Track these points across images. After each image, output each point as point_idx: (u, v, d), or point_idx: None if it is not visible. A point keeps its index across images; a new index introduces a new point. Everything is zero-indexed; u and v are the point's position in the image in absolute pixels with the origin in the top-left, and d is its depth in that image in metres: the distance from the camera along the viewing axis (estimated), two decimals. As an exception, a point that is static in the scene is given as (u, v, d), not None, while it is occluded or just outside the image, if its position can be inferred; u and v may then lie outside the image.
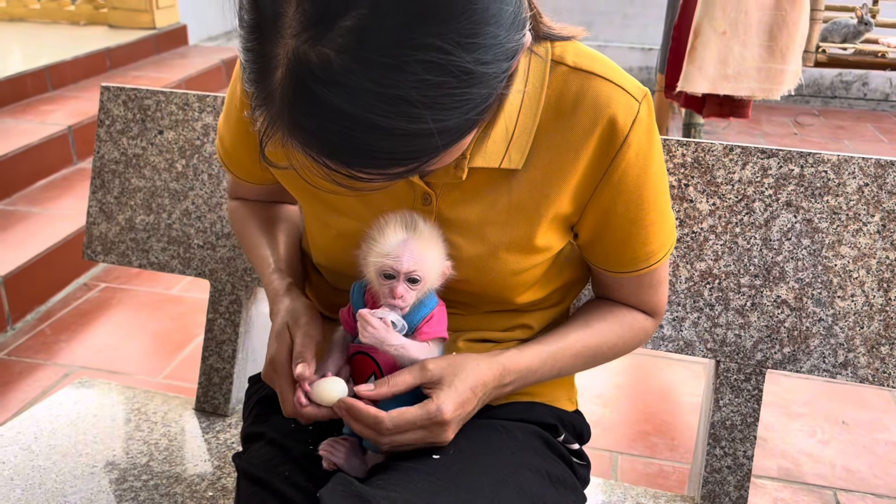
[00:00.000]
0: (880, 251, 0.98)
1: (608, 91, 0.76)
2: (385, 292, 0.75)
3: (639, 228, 0.82)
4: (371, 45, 0.52)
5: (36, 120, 3.09)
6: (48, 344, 2.21)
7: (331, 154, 0.58)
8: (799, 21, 2.34)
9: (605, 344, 0.89)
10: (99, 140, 1.25)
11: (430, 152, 0.59)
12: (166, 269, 1.23)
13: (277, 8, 0.54)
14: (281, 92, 0.56)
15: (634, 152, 0.77)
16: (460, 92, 0.55)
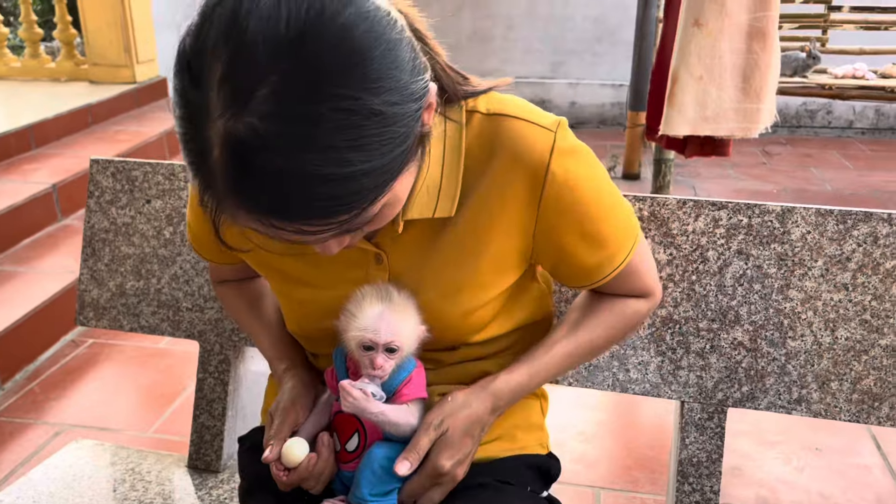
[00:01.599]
0: (825, 293, 1.06)
1: (520, 128, 0.82)
2: (365, 363, 0.81)
3: (590, 240, 0.87)
4: (289, 105, 0.59)
5: (20, 179, 3.14)
6: (38, 403, 2.23)
7: (277, 214, 0.63)
8: (770, 63, 2.46)
9: (598, 338, 0.95)
10: (89, 210, 1.31)
11: (366, 194, 0.64)
12: (156, 331, 1.28)
13: (202, 96, 0.61)
14: (220, 170, 0.62)
15: (562, 178, 0.82)
16: (378, 132, 0.62)
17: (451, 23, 5.62)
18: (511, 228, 0.84)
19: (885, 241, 1.04)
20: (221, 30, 0.60)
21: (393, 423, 0.82)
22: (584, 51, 5.47)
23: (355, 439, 0.85)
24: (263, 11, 0.59)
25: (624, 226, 0.91)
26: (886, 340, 1.05)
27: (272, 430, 0.87)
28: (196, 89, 0.61)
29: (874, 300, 1.05)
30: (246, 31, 0.59)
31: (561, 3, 5.42)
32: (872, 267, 1.05)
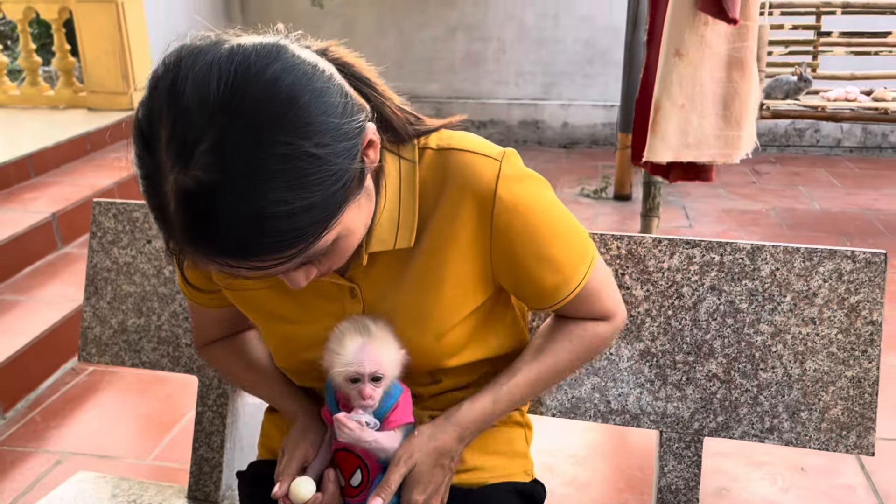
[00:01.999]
0: (794, 327, 1.11)
1: (468, 159, 0.88)
2: (354, 395, 0.87)
3: (546, 263, 0.92)
4: (227, 155, 0.66)
5: (20, 208, 3.19)
6: (39, 431, 2.27)
7: (229, 254, 0.70)
8: (750, 91, 2.53)
9: (561, 362, 1.00)
10: (91, 251, 1.36)
11: (309, 229, 0.70)
12: (157, 367, 1.33)
13: (154, 158, 0.68)
14: (177, 220, 0.69)
15: (510, 202, 0.88)
16: (314, 171, 0.68)
17: (444, 46, 5.71)
18: (468, 253, 0.90)
19: (848, 276, 1.10)
20: (164, 98, 0.68)
21: (385, 450, 0.89)
22: (576, 72, 5.56)
23: (358, 475, 0.90)
24: (198, 76, 0.67)
25: (578, 249, 0.95)
26: (852, 372, 1.10)
27: (282, 466, 0.92)
28: (148, 152, 0.69)
29: (840, 333, 1.10)
30: (183, 95, 0.67)
31: (552, 26, 5.51)
32: (838, 302, 1.10)
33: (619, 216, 4.13)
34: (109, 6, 4.27)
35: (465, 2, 5.56)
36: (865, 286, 1.09)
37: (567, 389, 1.19)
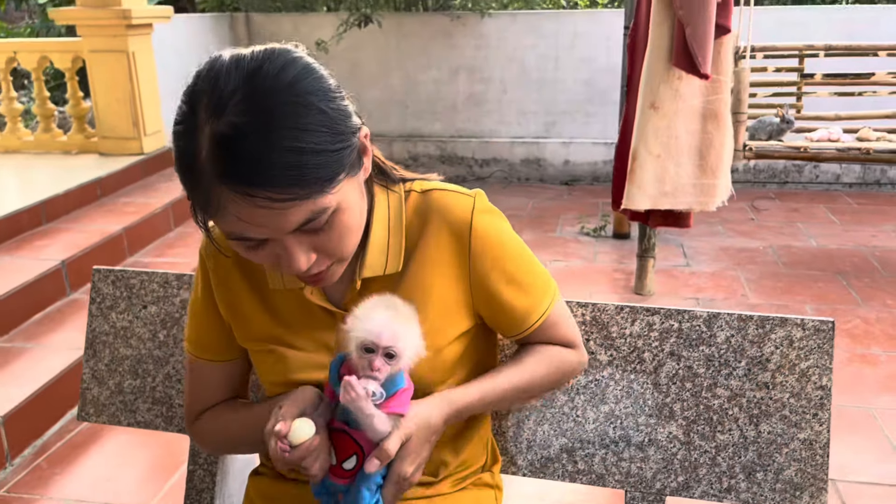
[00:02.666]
0: (749, 391, 1.17)
1: (447, 197, 1.04)
2: (363, 364, 0.89)
3: (516, 286, 1.05)
4: (255, 105, 0.81)
5: (31, 256, 3.30)
6: (44, 478, 2.34)
7: (251, 181, 0.81)
8: (724, 141, 2.61)
9: (536, 377, 1.10)
10: (91, 315, 1.44)
11: (317, 172, 0.83)
12: (151, 426, 1.40)
13: (195, 113, 0.83)
14: (208, 161, 0.81)
15: (484, 232, 1.03)
16: (323, 123, 0.84)
17: (448, 87, 5.84)
18: (450, 277, 1.03)
19: (799, 343, 1.16)
20: (203, 76, 0.85)
21: (375, 430, 0.90)
22: (576, 111, 5.66)
23: (353, 461, 0.92)
24: (233, 57, 0.85)
25: (543, 278, 1.09)
26: (804, 434, 1.15)
27: (281, 412, 0.93)
28: (190, 110, 0.84)
29: (792, 397, 1.16)
30: (220, 72, 0.84)
31: (552, 67, 5.62)
32: (789, 367, 1.16)
33: (617, 254, 4.19)
34: (121, 56, 4.42)
35: (467, 44, 5.69)
36: (815, 353, 1.15)
37: (537, 450, 1.25)
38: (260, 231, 0.86)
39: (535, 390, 1.13)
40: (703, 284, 3.73)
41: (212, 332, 1.11)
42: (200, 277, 1.10)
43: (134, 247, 3.78)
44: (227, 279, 1.07)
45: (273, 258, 0.91)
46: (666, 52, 2.48)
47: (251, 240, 0.88)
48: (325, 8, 6.23)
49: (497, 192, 5.56)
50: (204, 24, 5.62)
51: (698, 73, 2.41)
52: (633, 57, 2.78)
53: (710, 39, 2.40)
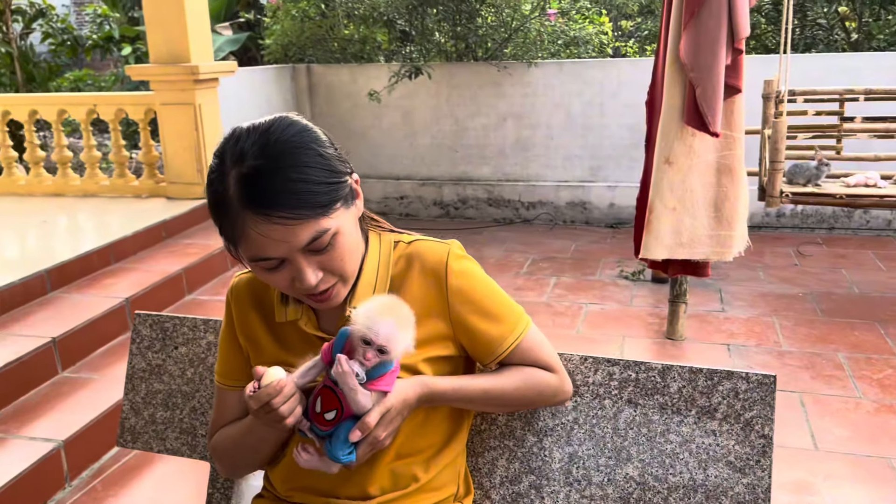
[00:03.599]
0: (698, 437, 1.29)
1: (427, 245, 1.25)
2: (360, 351, 1.08)
3: (490, 318, 1.24)
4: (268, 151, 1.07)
5: (100, 294, 3.60)
6: (99, 500, 2.57)
7: (268, 205, 1.04)
8: (739, 194, 2.70)
9: (510, 388, 1.26)
10: (131, 354, 1.65)
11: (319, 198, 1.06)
12: (177, 453, 1.60)
13: (222, 164, 1.08)
14: (235, 196, 1.06)
15: (457, 274, 1.23)
16: (322, 163, 1.09)
17: (496, 133, 6.04)
18: (432, 312, 1.21)
19: (744, 395, 1.27)
20: (228, 138, 1.11)
21: (358, 403, 1.09)
22: (621, 156, 5.77)
23: (333, 414, 1.11)
24: (248, 126, 1.11)
25: (515, 310, 1.27)
26: (748, 479, 1.26)
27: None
28: (219, 163, 1.10)
29: (737, 444, 1.27)
30: (241, 134, 1.10)
31: (597, 113, 5.76)
32: (735, 416, 1.27)
33: (653, 298, 4.25)
34: (188, 108, 4.78)
35: (515, 93, 5.89)
36: (758, 404, 1.26)
37: (508, 486, 1.38)
38: (277, 248, 1.07)
39: (509, 400, 1.27)
40: (735, 330, 3.77)
41: (233, 362, 1.31)
42: (226, 316, 1.33)
43: (192, 286, 4.06)
44: (246, 316, 1.29)
45: (288, 280, 1.12)
46: (679, 110, 2.60)
47: (270, 259, 1.09)
48: (381, 59, 6.55)
49: (541, 234, 5.70)
50: (267, 76, 6.00)
51: (708, 131, 2.51)
52: (651, 114, 2.90)
53: (720, 100, 2.51)
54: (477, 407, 1.27)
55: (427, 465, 1.26)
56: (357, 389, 1.09)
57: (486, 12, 6.02)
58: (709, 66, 2.49)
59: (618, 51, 7.57)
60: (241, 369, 1.31)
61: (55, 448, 2.59)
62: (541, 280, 4.62)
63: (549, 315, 4.04)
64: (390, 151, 6.28)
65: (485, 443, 1.40)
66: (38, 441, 2.62)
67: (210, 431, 1.37)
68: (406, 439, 1.23)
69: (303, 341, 1.23)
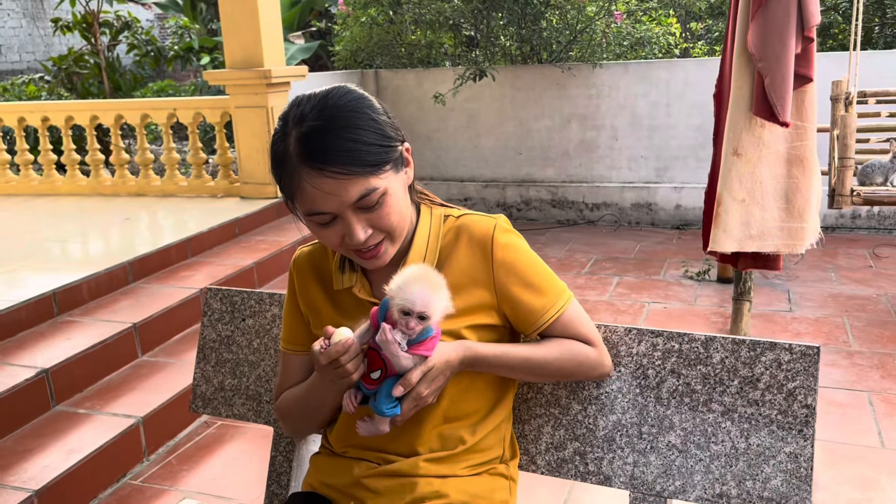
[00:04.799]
0: (741, 407, 1.31)
1: (475, 219, 1.31)
2: (402, 323, 1.15)
3: (533, 289, 1.28)
4: (325, 114, 1.15)
5: (177, 285, 3.80)
6: (173, 473, 2.73)
7: (325, 159, 1.12)
8: (811, 185, 2.66)
9: (551, 359, 1.30)
10: (203, 326, 1.77)
11: (371, 157, 1.14)
12: (244, 419, 1.70)
13: (285, 126, 1.18)
14: (294, 152, 1.14)
15: (503, 246, 1.28)
16: (374, 126, 1.17)
17: (560, 135, 6.06)
18: (477, 285, 1.27)
19: (787, 366, 1.28)
20: (291, 104, 1.20)
21: (401, 366, 1.17)
22: (688, 156, 5.71)
23: (378, 373, 1.19)
24: (308, 94, 1.20)
25: (558, 284, 1.31)
26: (790, 448, 1.27)
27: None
28: (282, 125, 1.19)
29: (779, 414, 1.28)
30: (302, 100, 1.19)
31: (663, 114, 5.72)
32: (778, 387, 1.29)
33: (718, 298, 4.20)
34: (260, 111, 4.98)
35: (580, 94, 5.90)
36: (801, 374, 1.28)
37: (553, 452, 1.43)
38: (329, 203, 1.15)
39: (550, 370, 1.32)
40: (803, 330, 3.69)
41: (296, 329, 1.41)
42: (289, 287, 1.43)
43: (263, 279, 4.23)
44: (306, 285, 1.39)
45: (339, 236, 1.20)
46: (747, 101, 2.58)
47: (323, 214, 1.16)
48: (447, 63, 6.66)
49: (605, 235, 5.68)
50: (336, 80, 6.18)
51: (777, 121, 2.49)
52: (720, 106, 2.89)
53: (789, 89, 2.49)
54: (519, 375, 1.32)
55: (473, 429, 1.32)
56: (399, 355, 1.16)
57: (550, 15, 6.06)
58: (777, 55, 2.47)
59: (686, 52, 7.47)
60: (304, 335, 1.40)
61: (134, 424, 2.76)
62: (603, 279, 4.62)
63: (611, 313, 4.04)
64: (455, 154, 6.38)
65: (531, 410, 1.45)
66: (119, 417, 2.80)
67: (275, 393, 1.47)
68: (452, 404, 1.29)
69: (358, 307, 1.31)
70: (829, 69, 4.34)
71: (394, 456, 1.30)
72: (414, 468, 1.27)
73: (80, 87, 8.75)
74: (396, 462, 1.28)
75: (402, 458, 1.29)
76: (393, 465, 1.28)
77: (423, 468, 1.27)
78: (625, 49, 6.19)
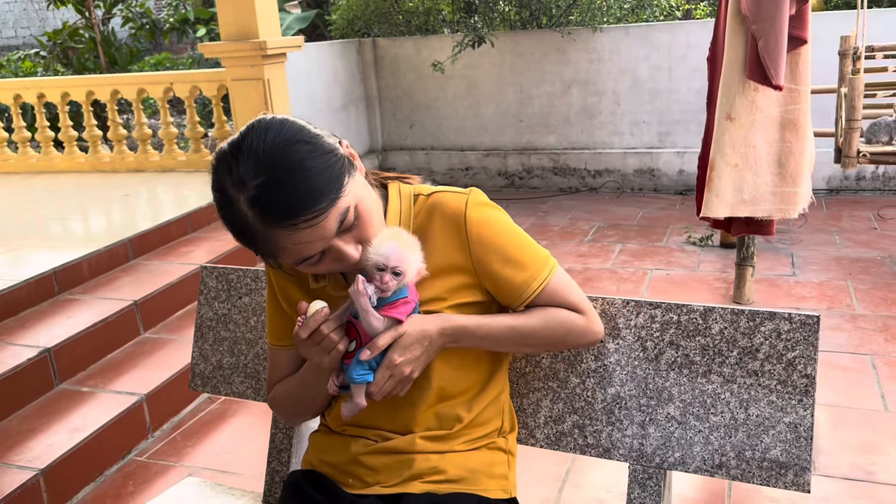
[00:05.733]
0: (740, 378, 1.30)
1: (446, 196, 1.26)
2: (377, 279, 1.15)
3: (513, 264, 1.24)
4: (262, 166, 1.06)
5: (178, 261, 3.79)
6: (178, 448, 2.74)
7: (291, 213, 1.06)
8: (804, 149, 2.62)
9: (536, 327, 1.27)
10: (199, 304, 1.76)
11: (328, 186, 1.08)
12: (243, 396, 1.70)
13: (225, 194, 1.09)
14: (254, 219, 1.08)
15: (477, 221, 1.23)
16: (313, 152, 1.09)
17: (561, 101, 5.99)
18: (455, 264, 1.24)
19: (786, 335, 1.27)
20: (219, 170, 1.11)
21: (370, 324, 1.16)
22: (690, 121, 5.64)
23: (353, 344, 1.19)
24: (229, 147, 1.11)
25: (539, 255, 1.27)
26: (789, 418, 1.26)
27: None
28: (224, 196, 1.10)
29: (779, 384, 1.27)
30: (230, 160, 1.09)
31: (665, 77, 5.64)
32: (777, 357, 1.27)
33: (721, 264, 4.18)
34: (257, 83, 4.93)
35: (580, 59, 5.82)
36: (801, 344, 1.26)
37: (552, 425, 1.42)
38: (314, 247, 1.11)
39: (538, 338, 1.29)
40: (806, 294, 3.67)
41: (279, 324, 1.38)
42: (268, 284, 1.39)
43: (264, 254, 4.22)
44: (284, 285, 1.35)
45: (334, 263, 1.17)
46: (741, 64, 2.53)
47: (312, 257, 1.13)
48: (445, 30, 6.57)
49: (607, 202, 5.65)
50: (333, 51, 6.10)
51: (771, 85, 2.45)
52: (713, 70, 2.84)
53: (783, 52, 2.43)
54: (506, 346, 1.30)
55: (470, 405, 1.31)
56: (369, 311, 1.15)
57: (550, -22, 5.95)
58: (772, 16, 2.41)
59: (688, 14, 7.36)
60: (288, 330, 1.37)
61: (138, 401, 2.77)
62: (606, 247, 4.59)
63: (614, 281, 4.02)
64: (455, 123, 6.32)
65: (529, 384, 1.44)
66: (123, 395, 2.81)
67: (267, 387, 1.46)
68: (445, 382, 1.28)
69: (335, 302, 1.26)
70: (836, 27, 4.26)
71: (391, 433, 1.29)
72: (411, 445, 1.27)
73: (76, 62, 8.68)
74: (394, 439, 1.28)
75: (399, 436, 1.28)
76: (390, 442, 1.28)
77: (420, 445, 1.27)
78: (625, 12, 6.09)
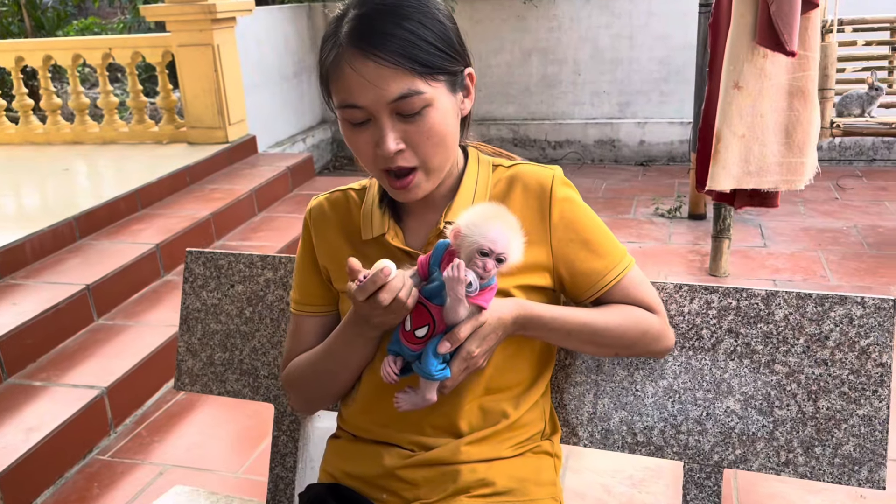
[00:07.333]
0: (807, 368, 1.19)
1: (530, 170, 1.17)
2: (478, 265, 0.99)
3: (592, 249, 1.15)
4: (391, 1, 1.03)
5: (129, 240, 3.53)
6: (144, 445, 2.54)
7: (372, 41, 1.00)
8: (811, 118, 2.55)
9: (612, 324, 1.15)
10: (184, 294, 1.57)
11: (422, 56, 1.01)
12: (239, 395, 1.52)
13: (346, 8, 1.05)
14: (346, 31, 1.02)
15: (561, 199, 1.14)
16: (437, 26, 1.04)
17: (520, 70, 5.85)
18: (534, 242, 1.11)
19: (859, 321, 1.17)
20: None
21: (458, 313, 1.01)
22: (651, 90, 5.59)
23: (424, 330, 1.03)
24: None
25: (617, 247, 1.18)
26: (863, 410, 1.17)
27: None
28: (346, 8, 1.06)
29: (851, 374, 1.18)
30: None
31: (626, 46, 5.56)
32: (849, 345, 1.18)
33: (692, 235, 4.14)
34: (206, 49, 4.63)
35: (540, 27, 5.68)
36: (875, 330, 1.16)
37: (597, 422, 1.30)
38: (365, 94, 1.01)
39: (610, 338, 1.16)
40: (780, 266, 3.66)
41: (311, 286, 1.25)
42: (303, 240, 1.25)
43: (221, 231, 3.98)
44: (326, 234, 1.22)
45: (370, 145, 1.05)
46: (750, 30, 2.44)
47: (357, 108, 1.02)
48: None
49: (569, 173, 5.54)
50: (283, 16, 5.80)
51: (784, 51, 2.36)
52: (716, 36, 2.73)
53: (797, 15, 2.35)
54: (574, 342, 1.17)
55: (517, 402, 1.18)
56: (462, 301, 1.00)
57: (508, -58, 5.77)
58: (783, -22, 2.32)
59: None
60: (320, 294, 1.24)
61: (98, 395, 2.55)
62: (574, 219, 4.51)
63: (586, 254, 3.94)
64: (412, 92, 6.12)
65: (570, 378, 1.32)
66: (80, 388, 2.58)
67: (283, 361, 1.30)
68: (496, 372, 1.14)
69: (389, 257, 1.11)
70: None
71: (431, 439, 1.14)
72: (455, 454, 1.12)
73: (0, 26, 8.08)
74: (435, 448, 1.13)
75: (439, 442, 1.14)
76: (431, 452, 1.13)
77: (464, 453, 1.13)
78: (585, -21, 5.96)
